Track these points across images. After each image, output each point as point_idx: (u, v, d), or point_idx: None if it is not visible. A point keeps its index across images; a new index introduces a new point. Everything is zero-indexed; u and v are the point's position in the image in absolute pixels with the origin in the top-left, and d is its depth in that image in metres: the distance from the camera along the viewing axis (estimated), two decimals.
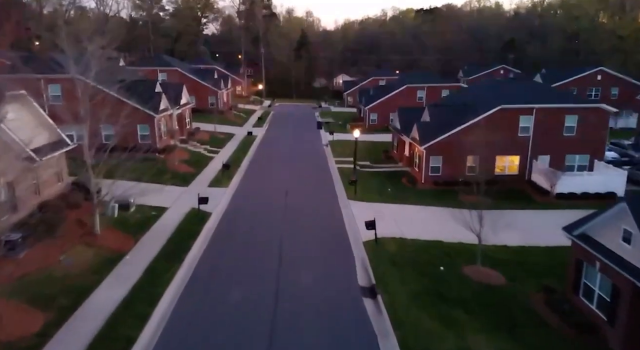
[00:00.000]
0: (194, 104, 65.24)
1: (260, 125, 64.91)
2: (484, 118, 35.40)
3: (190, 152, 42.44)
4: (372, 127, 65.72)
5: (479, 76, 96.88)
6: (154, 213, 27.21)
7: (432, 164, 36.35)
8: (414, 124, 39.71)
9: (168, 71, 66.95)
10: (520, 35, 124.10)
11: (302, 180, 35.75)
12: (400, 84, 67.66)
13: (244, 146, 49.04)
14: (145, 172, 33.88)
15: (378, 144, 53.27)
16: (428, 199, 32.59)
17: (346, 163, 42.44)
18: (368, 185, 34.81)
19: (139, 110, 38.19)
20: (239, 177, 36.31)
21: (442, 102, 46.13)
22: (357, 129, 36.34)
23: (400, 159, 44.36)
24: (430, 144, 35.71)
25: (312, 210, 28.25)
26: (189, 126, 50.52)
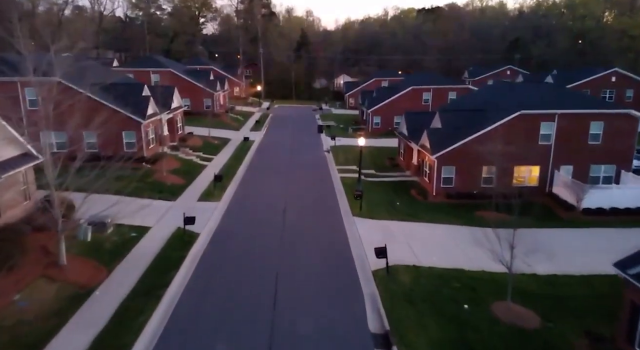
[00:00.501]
0: (189, 107, 62.37)
1: (258, 129, 61.74)
2: (501, 125, 32.26)
3: (181, 160, 39.27)
4: (376, 131, 62.66)
5: (484, 77, 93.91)
6: (134, 234, 24.04)
7: (444, 175, 33.21)
8: (424, 130, 36.60)
9: (161, 72, 63.81)
10: (524, 35, 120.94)
11: (302, 193, 32.57)
12: (404, 86, 64.52)
13: (240, 153, 45.86)
14: (128, 184, 30.84)
15: (382, 149, 50.15)
16: (441, 215, 29.43)
17: (349, 172, 39.30)
18: (374, 199, 31.64)
19: (124, 116, 35.10)
20: (232, 189, 33.14)
21: (453, 106, 42.94)
22: (361, 136, 33.05)
23: (407, 167, 41.21)
24: (443, 153, 32.56)
25: (313, 232, 25.07)
26: (181, 131, 47.36)
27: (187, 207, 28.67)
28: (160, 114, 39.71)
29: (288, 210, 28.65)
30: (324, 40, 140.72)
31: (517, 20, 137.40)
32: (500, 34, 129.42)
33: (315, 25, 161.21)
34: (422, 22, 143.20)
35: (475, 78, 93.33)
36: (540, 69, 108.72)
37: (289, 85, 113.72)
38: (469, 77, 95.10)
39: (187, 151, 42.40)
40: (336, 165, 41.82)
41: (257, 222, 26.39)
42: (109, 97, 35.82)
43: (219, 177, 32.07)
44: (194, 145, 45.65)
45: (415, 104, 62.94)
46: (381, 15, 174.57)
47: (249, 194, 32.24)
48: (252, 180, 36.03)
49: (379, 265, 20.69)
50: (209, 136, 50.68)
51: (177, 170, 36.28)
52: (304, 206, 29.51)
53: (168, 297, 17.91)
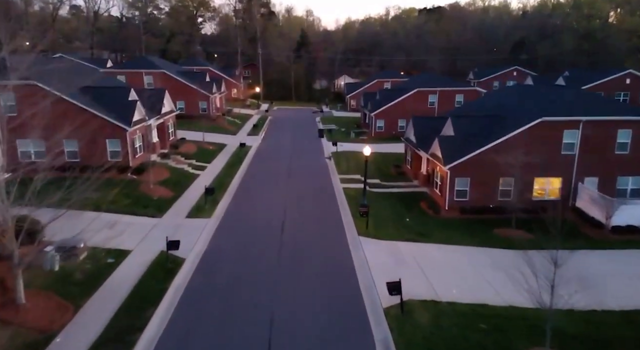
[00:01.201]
0: (183, 110, 59.55)
1: (255, 134, 58.83)
2: (520, 133, 29.36)
3: (171, 169, 36.36)
4: (379, 135, 59.78)
5: (490, 78, 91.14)
6: (111, 260, 21.15)
7: (457, 187, 30.30)
8: (433, 137, 33.70)
9: (154, 74, 60.90)
10: (529, 35, 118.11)
11: (302, 207, 29.65)
12: (409, 88, 61.61)
13: (235, 160, 42.95)
14: (109, 199, 28.03)
15: (387, 156, 47.19)
16: (456, 233, 26.54)
17: (353, 182, 36.43)
18: (381, 214, 28.74)
19: (107, 122, 32.22)
20: (225, 203, 30.24)
21: (465, 111, 40.04)
22: (365, 142, 30.11)
23: (415, 176, 38.32)
24: (456, 163, 29.65)
25: (314, 257, 22.14)
26: (173, 137, 44.46)
27: (174, 225, 25.83)
28: (149, 120, 36.81)
29: (286, 228, 25.75)
30: (325, 40, 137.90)
31: (521, 20, 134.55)
32: (504, 34, 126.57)
33: (315, 25, 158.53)
34: (424, 22, 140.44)
35: (480, 79, 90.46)
36: (546, 69, 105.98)
37: (289, 86, 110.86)
38: (474, 78, 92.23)
39: (178, 159, 39.51)
40: (338, 174, 38.93)
41: (251, 244, 23.46)
42: (91, 102, 32.96)
43: (211, 190, 29.18)
44: (186, 152, 42.74)
45: (421, 106, 60.06)
46: (382, 15, 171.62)
47: (243, 208, 29.33)
48: (247, 191, 33.13)
49: (391, 301, 17.79)
50: (204, 142, 47.78)
51: (166, 181, 33.38)
52: (303, 224, 26.60)
53: (142, 344, 15.03)
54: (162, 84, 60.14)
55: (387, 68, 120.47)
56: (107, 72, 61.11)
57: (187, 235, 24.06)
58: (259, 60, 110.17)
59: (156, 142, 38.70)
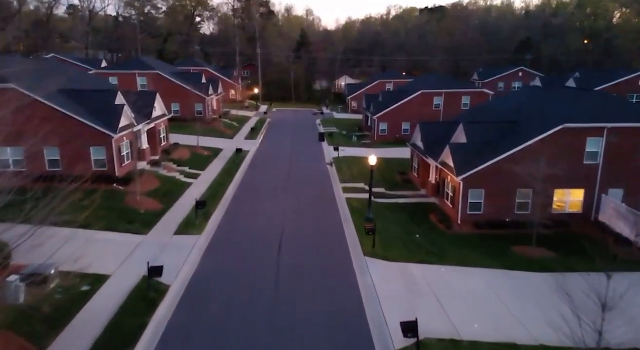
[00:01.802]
0: (178, 113, 57.19)
1: (253, 138, 56.39)
2: (539, 140, 26.95)
3: (161, 178, 33.91)
4: (382, 139, 57.44)
5: (495, 79, 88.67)
6: (86, 288, 18.73)
7: (471, 200, 27.90)
8: (443, 144, 31.37)
9: (148, 75, 58.47)
10: (534, 35, 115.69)
11: (302, 222, 27.21)
12: (413, 90, 59.20)
13: (231, 167, 40.48)
14: (90, 213, 25.50)
15: (392, 162, 44.74)
16: (472, 252, 24.11)
17: (357, 191, 34.01)
18: (389, 228, 26.30)
19: (91, 129, 29.78)
20: (218, 217, 27.79)
21: (475, 115, 37.62)
22: (371, 151, 27.67)
23: (422, 185, 35.91)
24: (470, 174, 27.24)
25: (315, 285, 19.68)
26: (165, 142, 42.00)
27: (160, 243, 23.40)
28: (138, 125, 34.38)
29: (284, 247, 23.31)
30: (325, 40, 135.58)
31: (524, 20, 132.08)
32: (508, 34, 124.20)
33: (315, 25, 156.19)
34: (426, 21, 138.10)
35: (485, 80, 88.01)
36: (551, 70, 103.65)
37: (288, 87, 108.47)
38: (479, 79, 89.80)
39: (170, 166, 37.07)
40: (341, 182, 36.51)
41: (243, 269, 20.96)
42: (75, 106, 30.53)
43: (202, 203, 26.73)
44: (179, 158, 40.31)
45: (426, 109, 57.75)
46: (383, 15, 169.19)
47: (237, 223, 26.87)
48: (242, 203, 30.67)
49: (405, 342, 15.35)
50: (198, 147, 45.32)
51: (155, 192, 30.95)
52: (303, 242, 24.14)
53: None
54: (156, 86, 57.78)
55: (389, 68, 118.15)
56: (99, 73, 58.70)
57: (173, 256, 21.67)
58: (258, 61, 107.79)
59: (146, 149, 36.27)
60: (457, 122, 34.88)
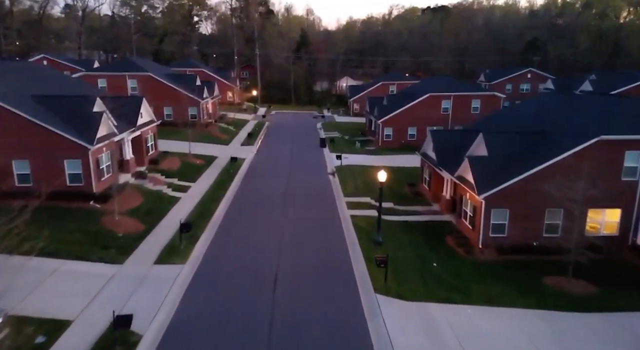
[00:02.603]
0: (171, 117, 53.91)
1: (250, 143, 53.08)
2: (573, 154, 23.65)
3: (145, 193, 30.60)
4: (387, 145, 54.21)
5: (503, 81, 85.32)
6: (41, 339, 15.44)
7: (494, 221, 24.60)
8: (458, 155, 28.15)
9: (139, 77, 55.18)
10: (539, 35, 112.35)
11: (301, 248, 23.85)
12: (420, 92, 55.90)
13: (225, 178, 37.16)
14: (59, 238, 22.35)
15: (399, 171, 41.43)
16: (498, 286, 20.81)
17: (362, 207, 30.74)
18: (400, 256, 23.00)
19: (64, 140, 26.50)
20: (206, 241, 24.47)
21: (491, 122, 34.32)
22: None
23: (434, 199, 32.64)
24: (493, 192, 23.93)
25: (316, 331, 16.38)
26: (153, 150, 38.66)
27: (137, 276, 20.10)
28: (122, 133, 31.10)
29: (281, 282, 19.98)
30: (325, 40, 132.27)
31: (530, 19, 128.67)
32: (514, 34, 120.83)
33: (315, 25, 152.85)
34: (429, 21, 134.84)
35: (492, 82, 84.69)
36: (559, 71, 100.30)
37: (288, 88, 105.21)
38: (486, 80, 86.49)
39: (157, 178, 33.77)
40: (344, 196, 33.21)
41: (231, 312, 17.56)
42: (48, 114, 27.24)
43: (187, 226, 23.41)
44: (168, 168, 37.01)
45: (433, 113, 54.51)
46: (385, 15, 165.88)
47: (227, 249, 23.54)
48: (234, 223, 27.33)
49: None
50: (190, 155, 41.97)
51: (137, 210, 27.65)
52: (303, 273, 20.82)
53: None
54: (147, 89, 54.56)
55: (391, 69, 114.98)
56: (86, 75, 55.40)
57: (150, 294, 18.41)
58: (256, 61, 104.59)
59: (130, 160, 32.97)
60: (473, 131, 31.63)
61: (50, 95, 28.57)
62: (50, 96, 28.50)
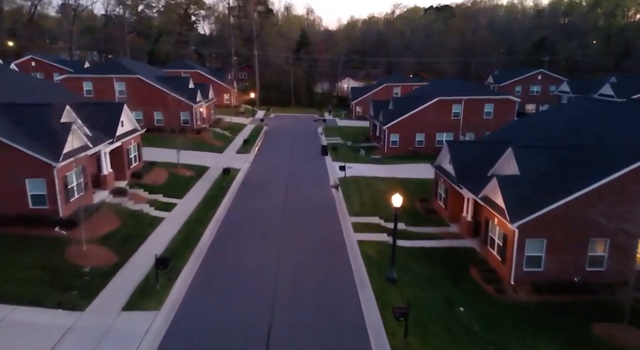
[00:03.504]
0: (161, 123, 50.13)
1: (246, 151, 49.26)
2: (627, 174, 19.88)
3: (124, 213, 26.82)
4: (393, 152, 50.49)
5: (512, 82, 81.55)
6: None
7: (528, 252, 20.83)
8: (482, 171, 24.41)
9: (127, 80, 51.41)
10: (547, 35, 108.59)
11: (300, 290, 19.90)
12: (429, 96, 52.12)
13: (216, 194, 33.34)
14: (7, 276, 18.66)
15: (409, 183, 37.74)
16: (539, 339, 17.02)
17: (371, 230, 27.01)
18: (421, 297, 19.25)
19: (25, 156, 22.73)
20: (188, 277, 20.68)
21: (514, 132, 30.53)
22: (397, 194, 20.52)
23: (451, 218, 28.87)
24: (529, 219, 20.15)
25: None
26: (137, 162, 34.86)
27: (99, 329, 16.37)
28: (97, 146, 27.35)
29: (275, 339, 16.17)
30: (326, 40, 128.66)
31: (536, 19, 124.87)
32: (520, 34, 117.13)
33: (316, 24, 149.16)
34: (433, 20, 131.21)
35: (501, 84, 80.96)
36: (568, 73, 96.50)
37: (288, 90, 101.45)
38: (494, 82, 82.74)
39: (139, 195, 30.01)
40: (350, 215, 29.41)
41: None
42: (8, 126, 23.47)
43: (164, 261, 19.62)
44: (153, 182, 33.24)
45: (443, 118, 50.77)
46: (387, 14, 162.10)
47: (211, 290, 19.69)
48: (222, 253, 23.54)
49: None
50: (179, 165, 38.17)
51: (111, 236, 23.88)
52: (302, 327, 16.98)
53: None
54: (136, 92, 50.97)
55: (394, 70, 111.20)
56: (69, 78, 51.64)
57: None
58: (255, 62, 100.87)
59: (108, 175, 29.20)
60: (496, 142, 27.91)
61: (10, 103, 24.79)
62: (10, 104, 24.73)
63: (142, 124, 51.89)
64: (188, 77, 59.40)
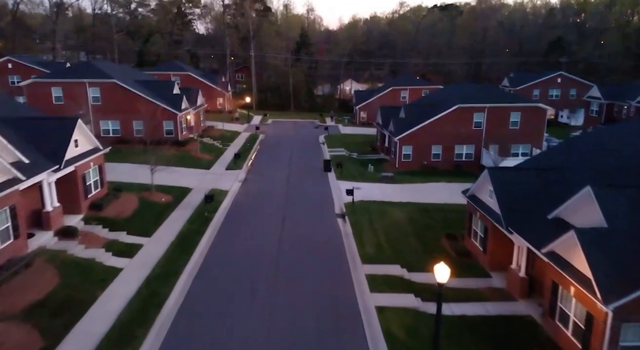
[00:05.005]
0: (141, 133, 43.79)
1: (237, 167, 42.87)
2: None
3: (66, 266, 20.43)
4: (406, 166, 44.39)
5: (530, 86, 75.42)
6: None
7: (624, 342, 14.48)
8: (544, 213, 18.13)
9: (102, 85, 45.09)
10: (565, 35, 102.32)
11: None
12: (445, 103, 45.82)
13: (194, 229, 26.93)
14: None
15: (429, 210, 31.63)
16: None
17: (392, 287, 20.76)
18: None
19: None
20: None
21: (572, 157, 24.13)
22: (442, 264, 14.10)
23: (493, 266, 22.62)
24: (629, 300, 13.80)
25: None
26: (99, 189, 28.43)
27: None
28: (37, 175, 21.04)
29: None
30: (327, 40, 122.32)
31: (549, 18, 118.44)
32: (532, 34, 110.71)
33: (316, 24, 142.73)
34: (439, 19, 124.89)
35: (517, 87, 74.69)
36: (588, 75, 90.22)
37: (286, 93, 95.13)
38: (510, 85, 76.46)
39: (93, 236, 23.64)
40: (363, 262, 23.07)
41: None
42: None
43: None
44: (117, 215, 26.88)
45: (463, 128, 44.62)
46: (390, 13, 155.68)
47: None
48: (191, 327, 17.20)
49: None
50: (153, 189, 31.84)
51: (42, 304, 17.51)
52: None
53: None
54: (111, 99, 44.78)
55: (400, 72, 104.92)
56: (36, 83, 45.31)
57: None
58: (252, 63, 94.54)
59: (53, 211, 22.84)
60: (553, 170, 21.63)
61: None
62: None
63: (120, 135, 45.81)
64: (172, 82, 53.00)
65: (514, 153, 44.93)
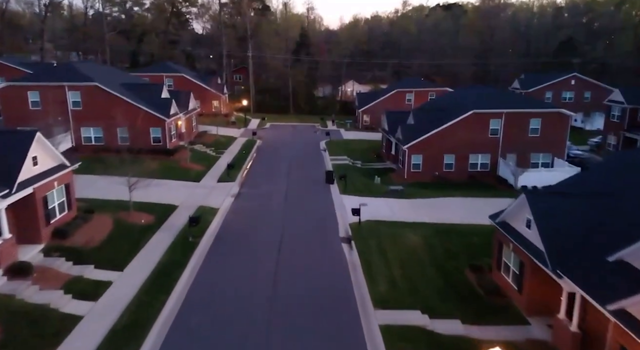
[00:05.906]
0: (127, 141, 39.92)
1: (230, 179, 38.94)
2: None
3: (13, 315, 16.59)
4: (415, 177, 40.68)
5: (542, 88, 71.49)
6: None
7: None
8: (603, 254, 14.42)
9: (83, 88, 41.16)
10: (573, 35, 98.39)
11: None
12: (458, 108, 41.97)
13: (175, 259, 23.02)
14: None
15: (448, 232, 27.87)
16: None
17: (415, 345, 16.74)
18: None
19: None
20: None
21: (616, 176, 20.27)
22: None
23: (530, 310, 18.82)
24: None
25: None
26: (65, 212, 24.47)
27: None
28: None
29: None
30: (328, 40, 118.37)
31: (557, 17, 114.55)
32: (541, 34, 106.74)
33: (317, 24, 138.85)
34: (442, 19, 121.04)
35: (529, 89, 70.72)
36: (601, 77, 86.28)
37: (286, 95, 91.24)
38: (521, 87, 72.51)
39: (53, 272, 19.75)
40: (375, 306, 19.21)
41: None
42: None
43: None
44: (86, 242, 22.99)
45: (478, 136, 40.78)
46: (391, 13, 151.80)
47: None
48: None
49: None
50: (132, 208, 27.90)
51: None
52: None
53: None
54: (93, 104, 41.09)
55: (403, 73, 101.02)
56: (11, 87, 41.42)
57: None
58: (249, 64, 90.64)
59: (3, 244, 18.90)
60: (604, 196, 17.83)
61: None
62: None
63: (103, 144, 41.95)
64: (161, 84, 49.12)
65: (534, 163, 41.15)
